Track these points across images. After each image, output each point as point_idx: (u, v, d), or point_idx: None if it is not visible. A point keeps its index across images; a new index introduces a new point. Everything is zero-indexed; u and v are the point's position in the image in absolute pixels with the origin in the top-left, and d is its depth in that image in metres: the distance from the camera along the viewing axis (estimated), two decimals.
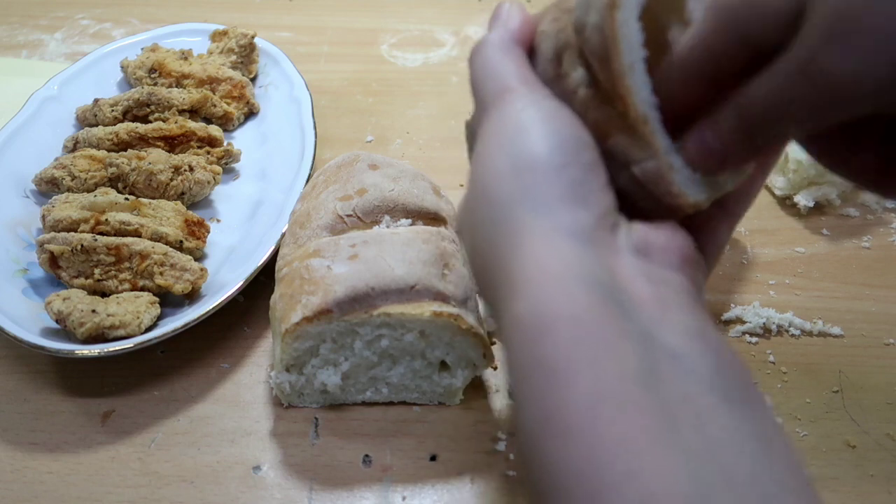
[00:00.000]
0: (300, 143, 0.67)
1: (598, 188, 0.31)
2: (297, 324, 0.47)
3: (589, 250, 0.28)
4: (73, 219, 0.57)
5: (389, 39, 0.89)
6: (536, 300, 0.27)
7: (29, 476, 0.49)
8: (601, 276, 0.28)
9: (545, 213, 0.29)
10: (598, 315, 0.26)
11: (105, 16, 0.92)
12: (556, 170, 0.30)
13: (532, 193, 0.30)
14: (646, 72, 0.31)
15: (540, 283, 0.27)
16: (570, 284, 0.27)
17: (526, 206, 0.30)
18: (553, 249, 0.28)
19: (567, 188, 0.30)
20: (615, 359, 0.25)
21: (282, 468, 0.50)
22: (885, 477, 0.49)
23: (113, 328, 0.51)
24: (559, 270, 0.27)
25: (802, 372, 0.55)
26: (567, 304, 0.26)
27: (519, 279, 0.28)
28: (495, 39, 0.35)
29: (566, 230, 0.29)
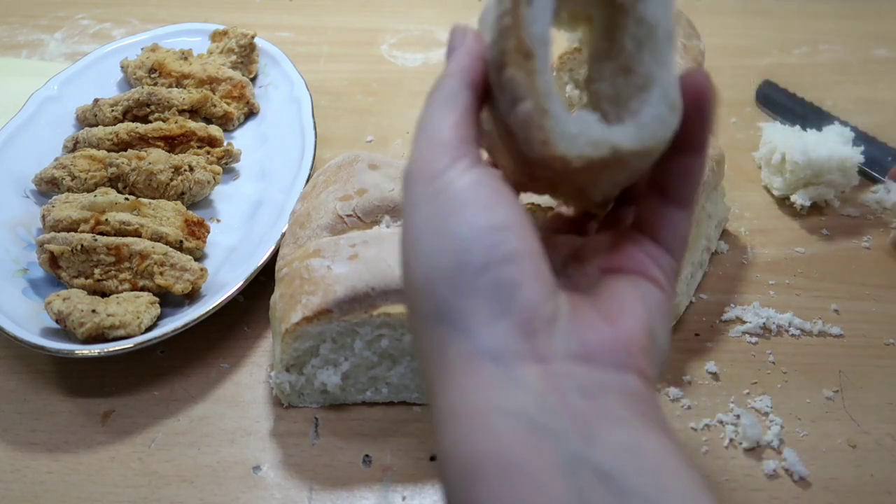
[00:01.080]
0: (300, 143, 0.67)
1: (526, 279, 0.28)
2: (297, 324, 0.47)
3: (513, 373, 0.26)
4: (73, 219, 0.57)
5: (389, 39, 0.89)
6: (463, 439, 0.26)
7: (29, 476, 0.49)
8: (528, 403, 0.26)
9: (465, 337, 0.27)
10: (525, 451, 0.25)
11: (105, 16, 0.92)
12: (472, 276, 0.27)
13: (449, 310, 0.27)
14: (550, 9, 0.29)
15: (464, 421, 0.26)
16: (495, 420, 0.25)
17: (444, 326, 0.28)
18: (475, 381, 0.26)
19: (488, 296, 0.27)
20: (544, 496, 0.24)
21: (282, 468, 0.50)
22: (885, 477, 0.49)
23: (113, 328, 0.51)
24: (483, 405, 0.26)
25: (802, 372, 0.55)
26: (493, 442, 0.25)
27: (444, 410, 0.27)
28: (445, 85, 0.31)
29: (489, 355, 0.27)
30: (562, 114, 0.29)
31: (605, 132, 0.29)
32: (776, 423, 0.51)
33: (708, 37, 0.78)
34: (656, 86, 0.30)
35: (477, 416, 0.26)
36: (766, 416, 0.52)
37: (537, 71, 0.29)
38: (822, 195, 0.66)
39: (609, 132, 0.29)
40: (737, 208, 0.66)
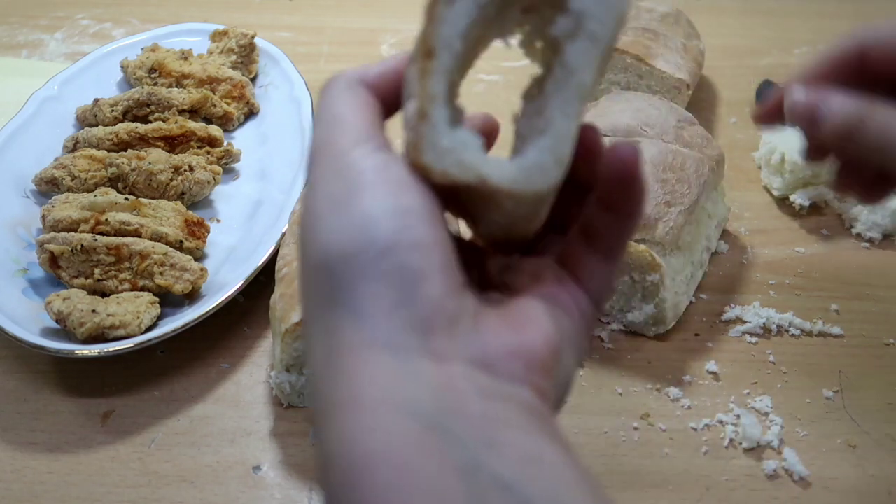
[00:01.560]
0: (300, 143, 0.67)
1: (432, 270, 0.26)
2: (297, 324, 0.47)
3: (412, 366, 0.24)
4: (73, 219, 0.57)
5: (389, 39, 0.89)
6: (351, 437, 0.24)
7: (29, 476, 0.49)
8: (425, 400, 0.24)
9: (365, 322, 0.25)
10: (420, 450, 0.23)
11: (105, 16, 0.92)
12: (374, 258, 0.25)
13: (345, 293, 0.25)
14: (468, 16, 0.27)
15: (353, 414, 0.24)
16: (387, 415, 0.24)
17: (340, 309, 0.25)
18: (369, 370, 0.24)
19: (389, 282, 0.25)
20: (440, 501, 0.22)
21: (282, 468, 0.50)
22: (885, 477, 0.49)
23: (113, 328, 0.51)
24: (376, 397, 0.24)
25: (802, 372, 0.55)
26: (384, 439, 0.23)
27: (333, 403, 0.25)
28: (340, 78, 0.31)
29: (385, 344, 0.25)
30: (441, 123, 0.27)
31: (478, 159, 0.27)
32: (776, 423, 0.51)
33: (708, 37, 0.78)
34: (550, 134, 0.28)
35: (368, 409, 0.24)
36: (766, 416, 0.52)
37: (432, 72, 0.27)
38: (821, 195, 0.66)
39: (482, 160, 0.27)
40: (737, 208, 0.66)
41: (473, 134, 0.28)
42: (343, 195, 0.26)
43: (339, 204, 0.26)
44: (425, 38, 0.28)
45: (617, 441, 0.51)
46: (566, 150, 0.28)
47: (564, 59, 0.28)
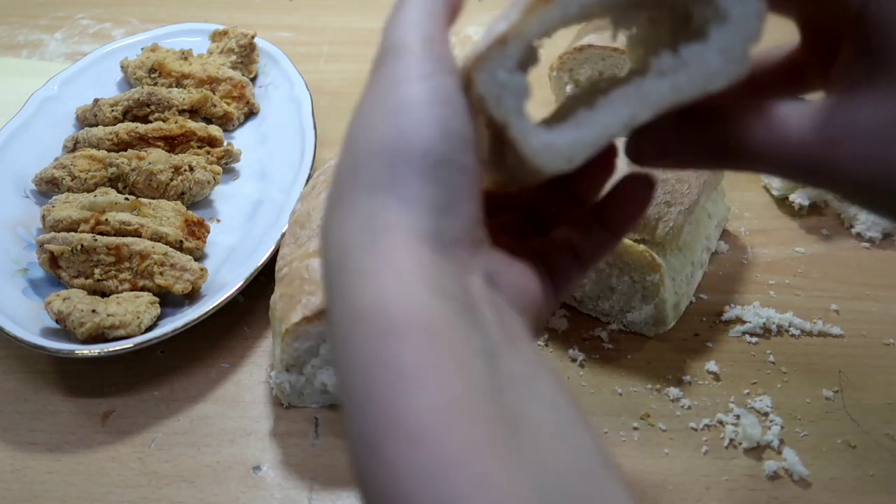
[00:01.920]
0: (300, 143, 0.67)
1: (467, 197, 0.28)
2: (297, 324, 0.47)
3: (445, 261, 0.27)
4: (73, 219, 0.57)
5: None
6: (387, 298, 0.25)
7: (29, 476, 0.49)
8: (454, 289, 0.26)
9: (410, 211, 0.27)
10: (450, 326, 0.25)
11: (105, 16, 0.92)
12: (431, 166, 0.27)
13: (401, 184, 0.27)
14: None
15: (392, 282, 0.26)
16: (423, 290, 0.26)
17: (392, 195, 0.27)
18: (411, 250, 0.26)
19: (438, 189, 0.27)
20: (465, 371, 0.24)
21: (282, 468, 0.50)
22: (885, 477, 0.49)
23: (113, 328, 0.51)
24: (415, 273, 0.26)
25: (802, 372, 0.55)
26: (420, 309, 0.25)
27: (369, 269, 0.26)
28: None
29: (428, 235, 0.27)
30: (512, 59, 0.28)
31: (515, 108, 0.29)
32: (776, 423, 0.51)
33: None
34: (592, 128, 0.29)
35: (408, 281, 0.26)
36: (766, 416, 0.52)
37: (540, 14, 0.28)
38: (821, 195, 0.66)
39: (517, 112, 0.29)
40: (737, 208, 0.66)
41: (528, 87, 0.28)
42: (417, 101, 0.28)
43: (410, 107, 0.28)
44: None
45: (617, 441, 0.51)
46: (597, 145, 0.29)
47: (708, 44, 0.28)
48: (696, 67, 0.28)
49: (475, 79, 0.28)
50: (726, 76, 0.28)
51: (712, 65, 0.28)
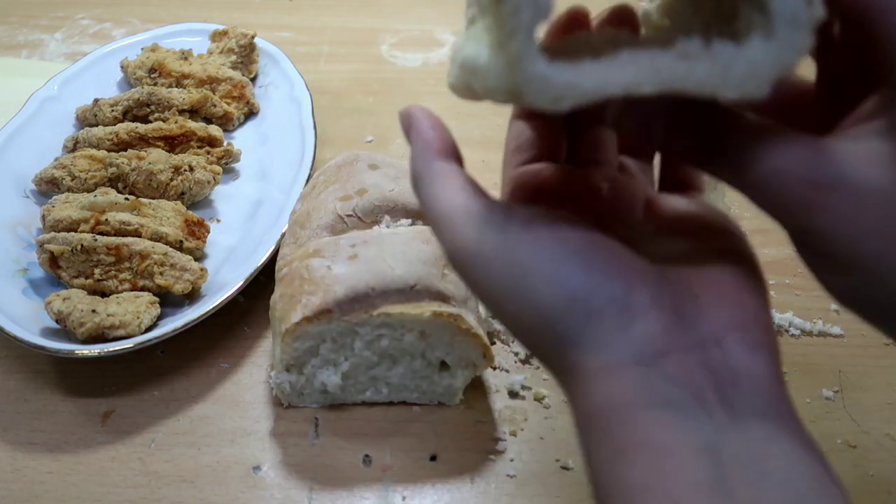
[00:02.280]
0: (300, 143, 0.67)
1: (637, 280, 0.28)
2: (297, 324, 0.47)
3: (653, 369, 0.27)
4: (73, 219, 0.57)
5: (389, 39, 0.89)
6: (610, 431, 0.27)
7: (29, 476, 0.49)
8: (668, 392, 0.27)
9: (597, 351, 0.27)
10: (669, 435, 0.26)
11: (105, 16, 0.92)
12: (586, 302, 0.27)
13: (574, 337, 0.28)
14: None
15: (610, 416, 0.27)
16: (639, 413, 0.26)
17: (573, 348, 0.28)
18: (618, 383, 0.27)
19: (610, 314, 0.27)
20: (689, 474, 0.25)
21: (282, 468, 0.50)
22: (885, 477, 0.49)
23: (113, 328, 0.51)
24: (628, 399, 0.27)
25: (802, 372, 0.55)
26: (640, 432, 0.26)
27: (586, 412, 0.28)
28: (419, 170, 0.33)
29: (626, 358, 0.27)
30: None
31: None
32: None
33: None
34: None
35: (622, 410, 0.26)
36: None
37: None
38: None
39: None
40: (737, 208, 0.66)
41: (551, 5, 0.26)
42: (519, 270, 0.28)
43: (521, 280, 0.28)
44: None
45: None
46: (590, 97, 0.27)
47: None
48: (719, 66, 0.27)
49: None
50: (741, 90, 0.27)
51: (736, 72, 0.27)
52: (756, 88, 0.27)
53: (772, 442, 0.26)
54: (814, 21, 0.26)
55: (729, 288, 0.29)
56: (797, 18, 0.26)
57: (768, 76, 0.27)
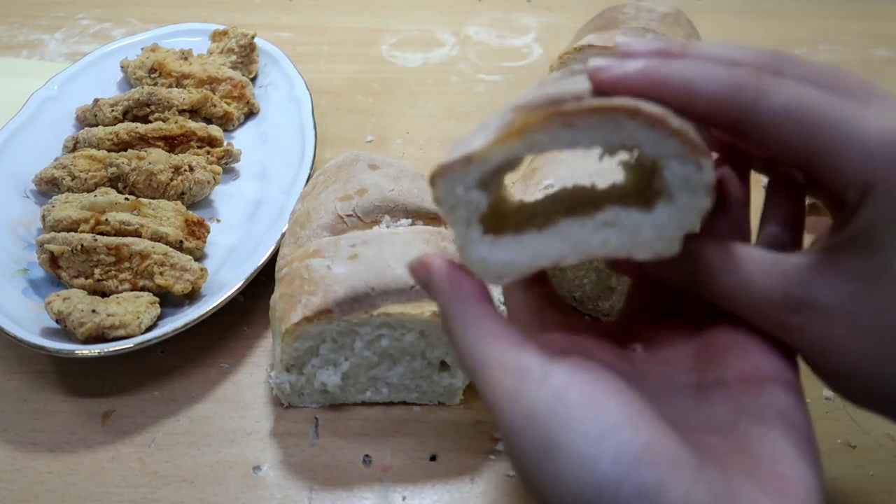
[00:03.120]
0: (300, 143, 0.67)
1: (666, 474, 0.25)
2: (297, 324, 0.47)
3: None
4: (73, 219, 0.57)
5: (389, 39, 0.89)
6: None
7: (29, 476, 0.49)
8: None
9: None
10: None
11: (105, 16, 0.92)
12: (612, 496, 0.25)
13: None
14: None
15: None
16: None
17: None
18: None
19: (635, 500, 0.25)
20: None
21: (282, 468, 0.50)
22: (885, 477, 0.49)
23: (113, 328, 0.51)
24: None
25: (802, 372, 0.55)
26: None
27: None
28: (450, 310, 0.30)
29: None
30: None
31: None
32: None
33: (708, 37, 0.78)
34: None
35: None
36: None
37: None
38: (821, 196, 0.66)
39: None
40: None
41: (484, 204, 0.30)
42: (546, 443, 0.26)
43: (550, 452, 0.26)
44: None
45: None
46: (525, 272, 0.31)
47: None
48: (627, 232, 0.29)
49: (436, 182, 0.29)
50: (652, 252, 0.29)
51: (644, 236, 0.29)
52: (665, 248, 0.29)
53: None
54: (707, 185, 0.28)
55: (772, 476, 0.27)
56: (690, 183, 0.28)
57: (673, 237, 0.29)
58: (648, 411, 0.27)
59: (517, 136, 0.28)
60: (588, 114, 0.28)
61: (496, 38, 0.91)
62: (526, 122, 0.28)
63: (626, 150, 0.29)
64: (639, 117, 0.27)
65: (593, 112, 0.27)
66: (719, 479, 0.26)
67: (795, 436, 0.28)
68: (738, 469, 0.27)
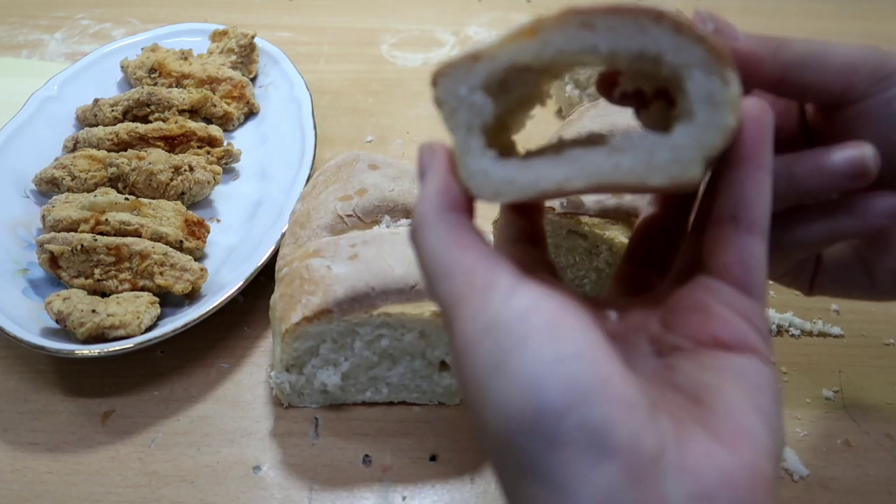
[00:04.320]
0: (300, 143, 0.67)
1: (616, 413, 0.24)
2: (297, 324, 0.47)
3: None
4: (73, 219, 0.57)
5: (389, 39, 0.89)
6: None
7: (29, 476, 0.49)
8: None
9: (560, 495, 0.24)
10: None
11: (105, 16, 0.92)
12: (554, 424, 0.24)
13: (536, 466, 0.24)
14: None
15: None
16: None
17: (537, 482, 0.24)
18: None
19: (577, 445, 0.23)
20: None
21: (282, 468, 0.50)
22: (885, 477, 0.49)
23: (113, 328, 0.51)
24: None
25: (802, 372, 0.55)
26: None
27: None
28: (427, 218, 0.28)
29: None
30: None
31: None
32: None
33: None
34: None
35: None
36: None
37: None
38: None
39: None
40: None
41: (487, 109, 0.28)
42: (500, 357, 0.25)
43: (499, 369, 0.25)
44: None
45: None
46: (527, 193, 0.29)
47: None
48: (642, 155, 0.27)
49: (438, 81, 0.28)
50: (668, 177, 0.27)
51: (659, 159, 0.27)
52: (683, 172, 0.26)
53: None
54: (732, 100, 0.26)
55: (725, 425, 0.26)
56: (714, 99, 0.26)
57: (693, 159, 0.26)
58: (610, 351, 0.26)
59: (529, 35, 0.26)
60: (609, 13, 0.25)
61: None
62: (540, 21, 0.26)
63: (647, 61, 0.27)
64: (664, 21, 0.25)
65: (614, 12, 0.25)
66: (670, 428, 0.25)
67: (755, 395, 0.27)
68: (691, 418, 0.26)
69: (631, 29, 0.26)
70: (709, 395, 0.27)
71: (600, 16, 0.26)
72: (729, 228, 0.29)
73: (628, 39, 0.26)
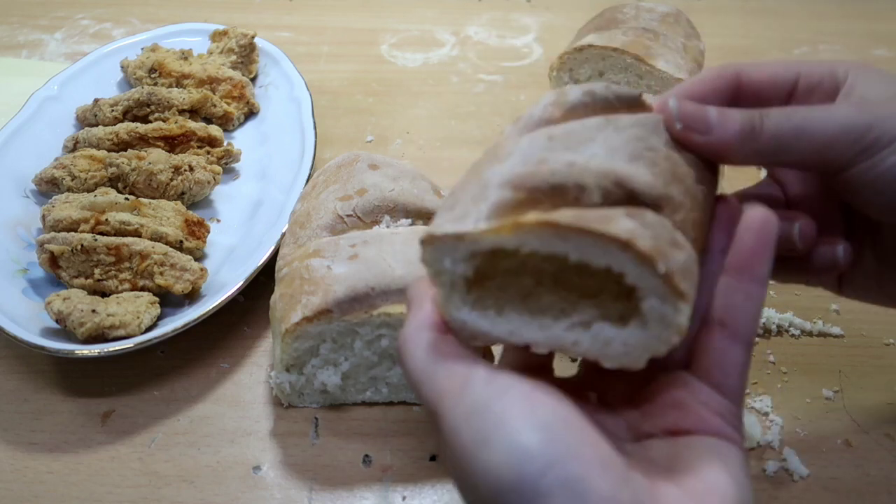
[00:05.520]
0: (300, 143, 0.67)
1: (592, 470, 0.26)
2: (297, 324, 0.47)
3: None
4: (73, 219, 0.57)
5: (389, 39, 0.90)
6: None
7: (29, 476, 0.49)
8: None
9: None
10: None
11: (105, 16, 0.92)
12: (537, 480, 0.26)
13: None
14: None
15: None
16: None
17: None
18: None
19: (558, 497, 0.26)
20: None
21: (282, 468, 0.50)
22: (885, 477, 0.49)
23: (113, 328, 0.51)
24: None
25: (802, 372, 0.55)
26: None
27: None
28: (411, 334, 0.32)
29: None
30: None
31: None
32: (776, 423, 0.51)
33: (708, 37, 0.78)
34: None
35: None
36: (766, 416, 0.52)
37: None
38: None
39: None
40: None
41: (468, 275, 0.31)
42: (483, 435, 0.27)
43: (484, 444, 0.27)
44: None
45: None
46: (498, 343, 0.33)
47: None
48: (599, 341, 0.31)
49: (426, 248, 0.31)
50: (618, 363, 0.31)
51: (613, 349, 0.30)
52: (631, 363, 0.31)
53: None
54: (680, 326, 0.29)
55: (695, 482, 0.28)
56: (665, 321, 0.29)
57: (640, 357, 0.30)
58: (585, 420, 0.28)
59: (509, 232, 0.29)
60: (581, 234, 0.28)
61: (496, 38, 0.91)
62: (518, 223, 0.29)
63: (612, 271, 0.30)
64: (629, 251, 0.28)
65: (587, 234, 0.28)
66: (645, 484, 0.27)
67: (725, 460, 0.29)
68: (663, 478, 0.28)
69: (599, 250, 0.29)
70: (681, 462, 0.29)
71: (573, 234, 0.29)
72: (715, 332, 0.32)
73: (596, 256, 0.29)
